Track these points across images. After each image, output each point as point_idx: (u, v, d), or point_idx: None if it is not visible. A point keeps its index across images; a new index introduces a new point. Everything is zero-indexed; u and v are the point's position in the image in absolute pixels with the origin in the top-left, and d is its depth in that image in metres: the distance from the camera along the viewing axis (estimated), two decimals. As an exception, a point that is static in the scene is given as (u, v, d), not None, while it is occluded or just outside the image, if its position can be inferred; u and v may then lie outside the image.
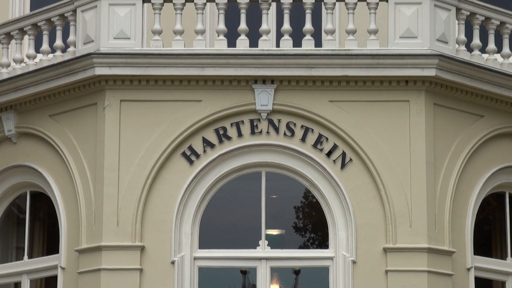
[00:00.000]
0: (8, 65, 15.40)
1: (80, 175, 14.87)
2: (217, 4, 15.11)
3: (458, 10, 15.17)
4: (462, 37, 15.21)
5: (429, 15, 14.73)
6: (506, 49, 15.23)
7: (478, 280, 14.90)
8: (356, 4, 14.97)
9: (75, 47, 14.90)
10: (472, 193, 14.94)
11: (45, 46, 15.46)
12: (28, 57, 15.70)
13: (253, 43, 14.88)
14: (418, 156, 14.56)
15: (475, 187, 14.92)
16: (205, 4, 15.11)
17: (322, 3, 15.10)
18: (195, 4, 14.92)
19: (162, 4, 14.99)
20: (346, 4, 14.94)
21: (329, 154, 14.64)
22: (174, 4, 14.97)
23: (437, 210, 14.52)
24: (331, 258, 14.39)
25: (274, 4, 15.58)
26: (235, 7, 14.95)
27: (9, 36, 15.53)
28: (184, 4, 14.95)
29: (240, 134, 14.72)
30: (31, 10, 17.51)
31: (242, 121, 14.74)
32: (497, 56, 15.30)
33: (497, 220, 15.61)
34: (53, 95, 15.14)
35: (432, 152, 14.65)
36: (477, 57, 15.15)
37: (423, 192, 14.42)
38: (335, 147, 14.62)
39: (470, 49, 15.11)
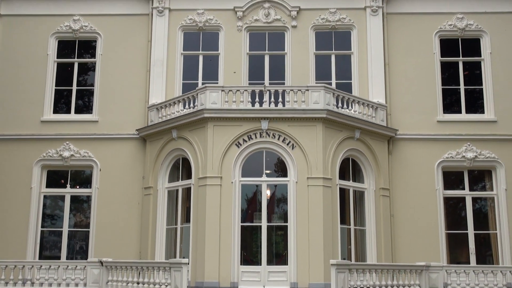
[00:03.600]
0: (174, 113, 15.26)
1: (198, 151, 14.44)
2: (246, 91, 14.67)
3: (334, 94, 14.73)
4: (334, 103, 14.66)
5: (323, 95, 14.36)
6: (350, 107, 14.99)
7: (340, 189, 14.63)
8: (297, 92, 14.51)
9: (197, 106, 14.66)
10: (338, 158, 14.59)
11: (187, 105, 15.00)
12: (179, 110, 15.08)
13: (261, 104, 14.52)
14: (319, 146, 14.21)
15: (339, 156, 14.63)
16: (244, 91, 14.60)
17: (284, 90, 14.70)
18: (239, 90, 14.66)
19: (228, 92, 14.53)
20: (293, 91, 14.52)
21: (287, 144, 14.37)
22: (232, 91, 14.59)
23: (327, 162, 14.18)
24: (288, 181, 14.27)
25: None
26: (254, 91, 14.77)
27: (173, 103, 15.39)
28: (236, 91, 14.62)
29: (256, 137, 14.44)
30: (183, 90, 16.44)
31: (257, 132, 14.45)
32: (347, 109, 14.93)
33: (347, 167, 15.23)
34: (189, 124, 14.81)
35: (324, 143, 14.24)
36: (339, 110, 14.68)
37: (321, 157, 14.13)
38: (290, 142, 14.35)
39: (338, 107, 14.78)
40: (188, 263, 11.82)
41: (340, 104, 15.03)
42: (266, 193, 14.52)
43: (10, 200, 15.98)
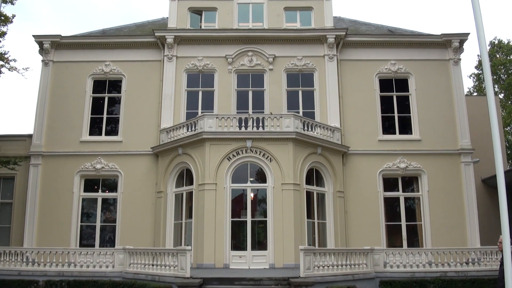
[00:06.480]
0: (179, 135, 15.11)
1: (198, 164, 14.29)
2: (235, 118, 14.52)
3: (301, 120, 14.74)
4: (301, 127, 14.54)
5: (293, 121, 14.30)
6: (313, 130, 15.01)
7: (307, 192, 14.47)
8: (273, 118, 14.32)
9: (197, 130, 14.46)
10: (305, 168, 14.42)
11: (189, 129, 14.78)
12: (184, 133, 14.84)
13: (246, 128, 14.35)
14: (290, 159, 14.08)
15: (306, 167, 14.47)
16: (233, 118, 14.43)
17: (264, 117, 14.49)
18: (230, 117, 14.42)
19: (221, 118, 14.40)
20: (270, 118, 14.48)
21: (266, 158, 14.22)
22: (224, 118, 14.40)
23: (296, 172, 14.03)
24: (267, 186, 14.11)
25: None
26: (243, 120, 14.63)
27: (179, 127, 15.32)
28: (227, 118, 14.38)
29: (242, 153, 14.27)
30: (187, 118, 16.17)
31: (243, 149, 14.23)
32: (311, 132, 14.96)
33: (312, 175, 15.05)
34: (191, 143, 14.61)
35: (294, 157, 14.10)
36: (305, 132, 14.64)
37: (292, 168, 14.00)
38: (268, 156, 14.18)
39: (304, 130, 14.66)
40: (191, 250, 11.65)
41: (306, 128, 15.20)
42: (250, 195, 14.55)
43: (57, 201, 16.04)
